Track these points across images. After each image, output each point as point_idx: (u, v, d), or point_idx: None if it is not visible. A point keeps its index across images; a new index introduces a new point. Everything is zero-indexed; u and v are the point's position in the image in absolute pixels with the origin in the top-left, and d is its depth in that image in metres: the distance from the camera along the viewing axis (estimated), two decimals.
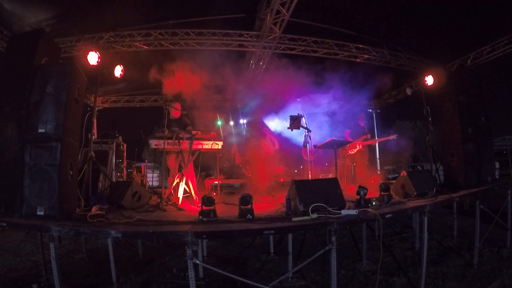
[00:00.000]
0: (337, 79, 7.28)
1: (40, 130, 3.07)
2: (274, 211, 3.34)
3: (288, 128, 5.42)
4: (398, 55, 8.80)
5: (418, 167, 8.00)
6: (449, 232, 5.27)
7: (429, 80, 6.30)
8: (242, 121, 11.23)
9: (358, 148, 7.09)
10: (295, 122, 5.31)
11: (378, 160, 11.47)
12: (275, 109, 7.80)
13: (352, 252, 4.80)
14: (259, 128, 8.54)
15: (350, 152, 7.17)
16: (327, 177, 6.79)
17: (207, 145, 4.73)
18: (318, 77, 7.28)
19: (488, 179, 4.66)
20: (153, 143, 4.44)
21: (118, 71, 5.50)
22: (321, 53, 8.46)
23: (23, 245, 4.96)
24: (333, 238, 2.69)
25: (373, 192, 3.76)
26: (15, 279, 3.84)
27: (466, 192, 4.11)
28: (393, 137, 6.92)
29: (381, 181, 6.06)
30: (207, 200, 3.02)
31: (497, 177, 5.87)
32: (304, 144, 5.41)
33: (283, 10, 6.42)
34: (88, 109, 4.79)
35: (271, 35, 7.34)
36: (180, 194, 4.51)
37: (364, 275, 3.85)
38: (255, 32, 7.71)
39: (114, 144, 6.90)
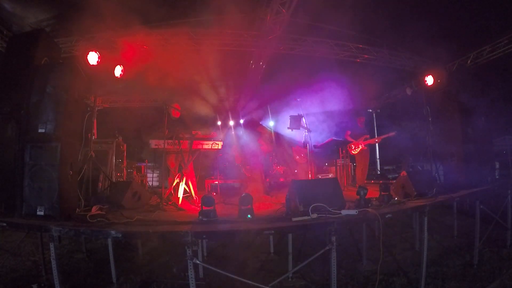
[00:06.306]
0: (337, 80, 7.28)
1: (40, 130, 3.08)
2: (274, 211, 3.35)
3: (288, 128, 5.43)
4: (398, 55, 8.79)
5: (418, 167, 8.00)
6: (449, 232, 5.26)
7: (429, 80, 6.28)
8: (241, 121, 11.22)
9: (360, 147, 7.10)
10: (295, 122, 5.31)
11: (378, 160, 11.47)
12: (274, 109, 7.81)
13: (352, 252, 4.79)
14: (255, 127, 8.56)
15: (353, 152, 7.17)
16: (327, 177, 6.80)
17: (207, 145, 4.73)
18: (317, 77, 7.28)
19: (488, 179, 4.66)
20: (153, 143, 4.44)
21: (118, 71, 5.48)
22: (321, 53, 8.44)
23: (23, 245, 4.94)
24: (333, 238, 2.69)
25: (373, 192, 3.76)
26: (15, 279, 3.84)
27: (466, 192, 4.11)
28: (392, 134, 6.93)
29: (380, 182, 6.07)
30: (207, 200, 3.02)
31: (497, 177, 5.88)
32: (304, 144, 5.41)
33: (283, 10, 6.41)
34: (88, 109, 4.78)
35: (271, 35, 7.34)
36: (180, 194, 4.51)
37: (364, 275, 3.85)
38: (255, 32, 7.70)
39: (114, 144, 6.90)
